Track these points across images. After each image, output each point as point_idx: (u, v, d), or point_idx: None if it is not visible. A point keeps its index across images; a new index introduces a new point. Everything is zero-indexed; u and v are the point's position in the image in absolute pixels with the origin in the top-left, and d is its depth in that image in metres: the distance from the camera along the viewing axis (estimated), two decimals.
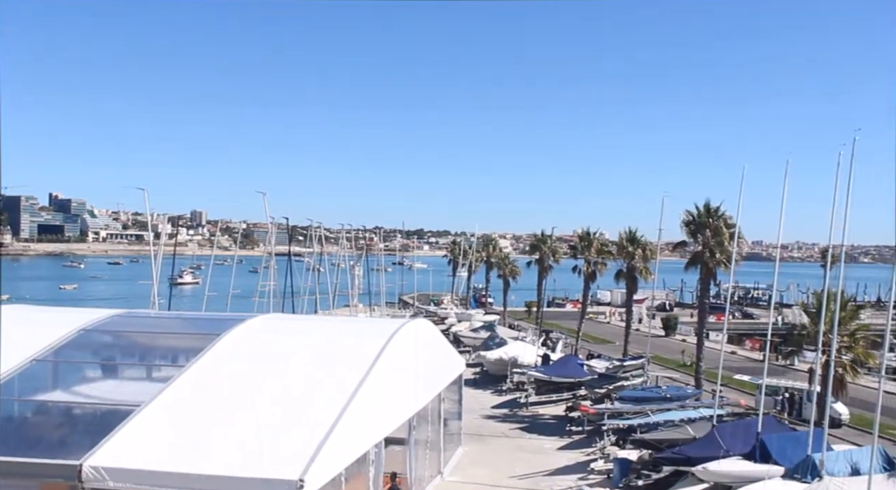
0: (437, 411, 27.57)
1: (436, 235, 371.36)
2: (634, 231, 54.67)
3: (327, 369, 19.81)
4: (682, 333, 77.57)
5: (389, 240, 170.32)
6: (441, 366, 28.68)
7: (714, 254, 43.79)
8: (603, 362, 47.97)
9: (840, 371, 33.07)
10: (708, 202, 44.81)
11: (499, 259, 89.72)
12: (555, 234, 72.12)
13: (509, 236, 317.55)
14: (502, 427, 37.55)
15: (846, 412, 40.41)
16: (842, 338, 33.44)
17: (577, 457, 31.88)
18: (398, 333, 22.51)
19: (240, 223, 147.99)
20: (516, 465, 30.12)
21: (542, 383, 42.98)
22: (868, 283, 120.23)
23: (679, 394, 38.72)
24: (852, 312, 36.20)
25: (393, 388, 21.51)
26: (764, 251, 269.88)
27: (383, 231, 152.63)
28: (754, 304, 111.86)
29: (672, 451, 28.19)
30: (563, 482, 28.42)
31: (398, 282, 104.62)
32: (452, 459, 29.90)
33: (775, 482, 23.67)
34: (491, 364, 49.93)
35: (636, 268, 53.77)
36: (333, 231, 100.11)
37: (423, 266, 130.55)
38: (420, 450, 25.06)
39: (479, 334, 61.84)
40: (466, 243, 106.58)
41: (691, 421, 32.27)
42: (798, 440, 26.39)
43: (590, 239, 60.51)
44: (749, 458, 26.06)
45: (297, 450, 15.36)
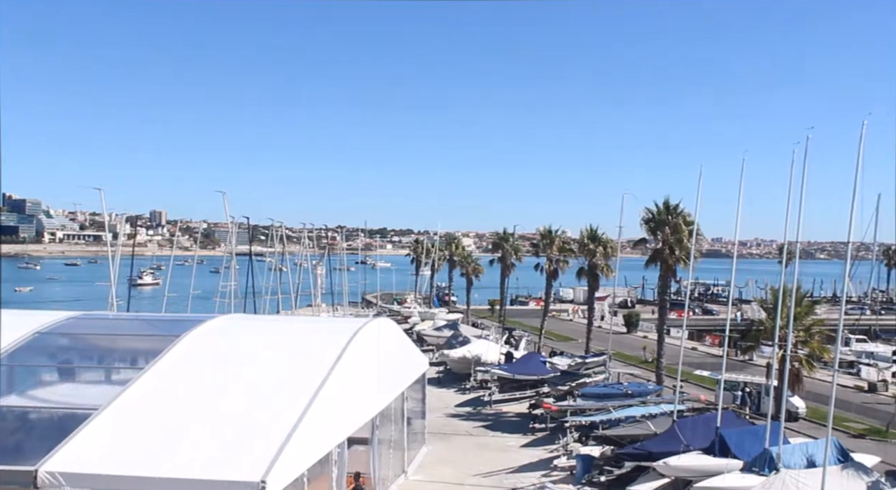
0: (401, 410, 27.55)
1: (399, 234, 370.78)
2: (595, 229, 55.20)
3: (289, 369, 19.69)
4: (644, 330, 78.39)
5: (352, 239, 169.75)
6: (404, 365, 28.67)
7: (674, 251, 44.30)
8: (565, 360, 48.28)
9: (796, 365, 33.68)
10: (667, 200, 45.41)
11: (462, 257, 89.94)
12: (517, 233, 72.42)
13: (472, 235, 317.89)
14: (466, 425, 37.64)
15: (803, 406, 41.14)
16: (798, 333, 34.08)
17: (540, 454, 32.07)
18: (360, 333, 22.44)
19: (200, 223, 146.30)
20: (480, 464, 30.22)
21: (506, 381, 43.16)
22: (824, 279, 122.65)
23: (640, 390, 39.11)
24: (808, 308, 36.86)
25: (355, 387, 21.45)
26: (724, 248, 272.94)
27: (346, 230, 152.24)
28: (714, 301, 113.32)
29: (633, 447, 28.54)
30: (526, 479, 28.57)
31: (361, 281, 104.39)
32: (416, 458, 29.90)
33: (734, 476, 24.08)
34: (454, 362, 50.01)
35: (597, 265, 54.23)
36: (296, 230, 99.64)
37: (387, 265, 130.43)
38: (384, 449, 25.02)
39: (442, 333, 61.87)
40: (429, 242, 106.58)
41: (652, 416, 32.70)
42: (756, 434, 26.84)
43: (551, 237, 60.83)
44: (709, 453, 26.46)
45: (258, 451, 15.25)
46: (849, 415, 41.24)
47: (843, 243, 24.04)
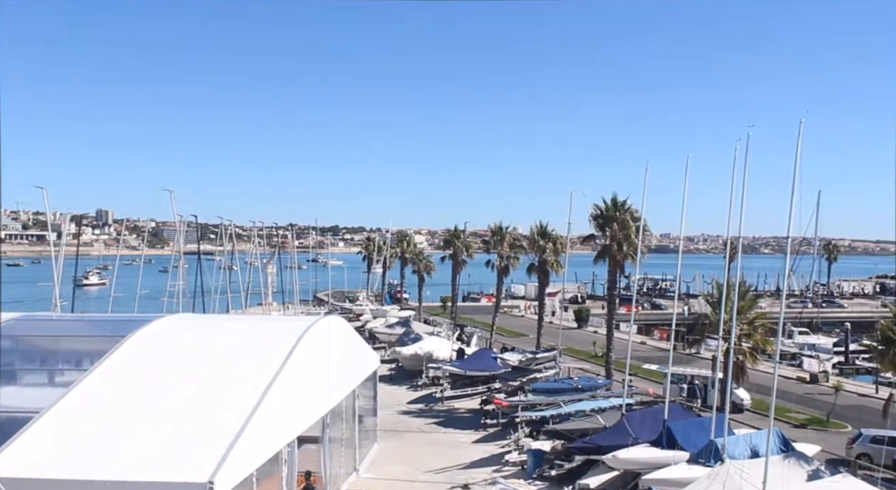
0: (352, 408, 27.51)
1: (351, 232, 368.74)
2: (545, 225, 55.52)
3: (237, 369, 19.54)
4: (594, 325, 79.14)
5: (304, 237, 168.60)
6: (355, 362, 28.62)
7: (621, 247, 44.80)
8: (516, 355, 48.56)
9: (740, 358, 34.39)
10: (615, 196, 45.87)
11: (413, 255, 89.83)
12: (468, 230, 72.60)
13: (424, 232, 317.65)
14: (418, 422, 37.67)
15: (748, 397, 41.98)
16: (741, 326, 34.81)
17: (491, 449, 32.27)
18: (310, 331, 22.35)
19: (148, 222, 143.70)
20: (432, 460, 30.29)
21: (457, 377, 43.31)
22: (768, 273, 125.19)
23: (590, 384, 39.59)
24: (751, 302, 37.70)
25: (305, 386, 21.36)
26: (672, 243, 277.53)
27: (297, 228, 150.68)
28: (662, 296, 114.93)
29: (583, 441, 28.87)
30: (478, 475, 28.70)
31: (313, 279, 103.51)
32: (368, 456, 29.87)
33: (680, 467, 24.46)
34: (406, 359, 50.01)
35: (547, 261, 54.62)
36: (246, 229, 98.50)
37: (339, 263, 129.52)
38: (335, 447, 24.95)
39: (394, 330, 61.78)
40: (381, 239, 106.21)
41: (602, 410, 33.10)
42: (702, 426, 27.36)
43: (502, 233, 61.11)
44: (656, 445, 26.92)
45: (206, 451, 15.11)
46: (791, 405, 42.24)
47: (786, 238, 24.56)
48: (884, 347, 29.91)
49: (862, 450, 31.47)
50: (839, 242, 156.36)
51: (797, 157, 21.90)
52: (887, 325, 30.30)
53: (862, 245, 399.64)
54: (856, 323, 73.15)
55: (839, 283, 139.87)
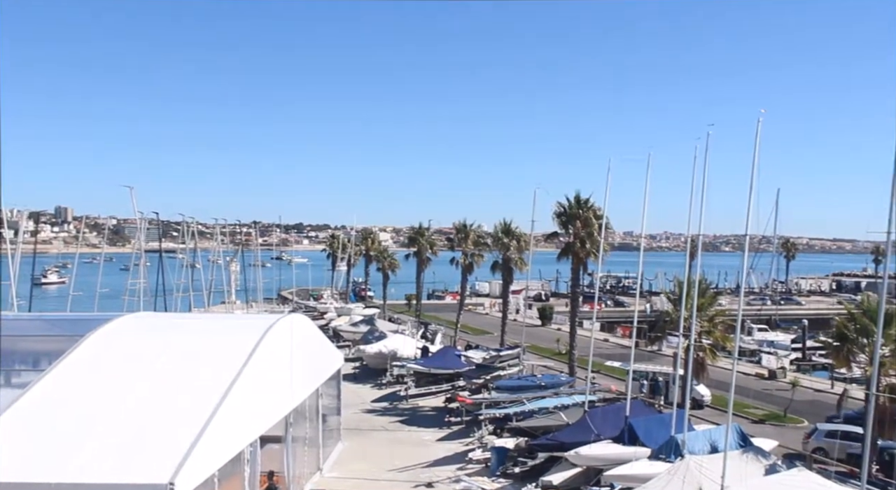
0: (315, 407, 27.41)
1: (315, 229, 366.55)
2: (509, 223, 55.71)
3: (199, 368, 19.36)
4: (558, 323, 79.60)
5: (267, 234, 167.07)
6: (318, 361, 28.50)
7: (584, 244, 45.09)
8: (480, 353, 48.76)
9: (700, 355, 34.81)
10: (578, 194, 46.17)
11: (378, 252, 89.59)
12: (433, 227, 72.58)
13: (389, 229, 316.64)
14: (382, 420, 37.64)
15: (708, 394, 42.57)
16: (701, 323, 35.23)
17: (456, 447, 32.36)
18: (272, 329, 22.22)
19: (108, 219, 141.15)
20: (396, 458, 30.30)
21: (422, 375, 43.32)
22: (728, 271, 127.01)
23: (553, 381, 39.83)
24: (711, 299, 38.09)
25: (268, 384, 21.24)
26: (634, 241, 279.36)
27: (261, 226, 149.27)
28: (625, 293, 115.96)
29: (546, 438, 29.07)
30: (442, 473, 28.77)
31: (277, 277, 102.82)
32: (332, 455, 29.79)
33: (642, 463, 24.80)
34: (370, 358, 49.91)
35: (511, 259, 54.84)
36: (209, 226, 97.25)
37: (303, 261, 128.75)
38: (298, 447, 24.83)
39: (358, 328, 61.61)
40: (346, 237, 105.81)
41: (565, 407, 33.38)
42: (663, 422, 27.72)
43: (466, 231, 61.24)
44: (618, 441, 27.23)
45: (167, 452, 14.96)
46: (750, 401, 42.90)
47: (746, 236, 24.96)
48: (838, 344, 30.42)
49: (817, 444, 32.13)
50: (797, 241, 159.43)
51: (755, 157, 22.27)
52: (842, 322, 30.82)
53: (819, 243, 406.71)
54: (813, 320, 74.48)
55: (797, 280, 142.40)
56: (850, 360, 30.61)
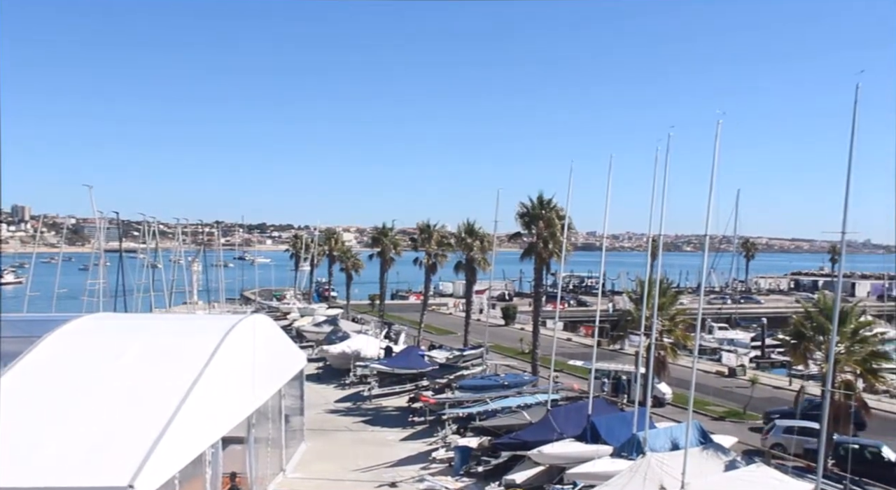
0: (278, 408, 27.25)
1: (278, 230, 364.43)
2: (473, 223, 55.73)
3: (160, 369, 19.15)
4: (521, 322, 79.99)
5: (230, 234, 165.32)
6: (281, 361, 28.35)
7: (547, 244, 45.30)
8: (444, 353, 48.80)
9: (662, 353, 35.19)
10: (541, 194, 46.37)
11: (341, 252, 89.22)
12: (396, 227, 72.37)
13: (353, 229, 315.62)
14: (346, 421, 37.52)
15: (669, 392, 43.03)
16: (663, 322, 35.61)
17: (419, 447, 32.38)
18: (234, 330, 22.06)
19: (67, 218, 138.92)
20: (360, 459, 30.24)
21: (385, 375, 43.26)
22: (690, 271, 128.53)
23: (516, 381, 40.00)
24: (672, 298, 38.48)
25: (230, 385, 21.08)
26: (597, 241, 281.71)
27: (223, 225, 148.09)
28: (588, 293, 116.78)
29: (509, 437, 29.20)
30: (406, 472, 28.78)
31: (239, 277, 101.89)
32: (295, 456, 29.64)
33: (604, 461, 25.00)
34: (334, 358, 49.73)
35: (475, 259, 54.90)
36: (170, 226, 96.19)
37: (266, 261, 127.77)
38: (261, 448, 24.68)
39: (321, 329, 61.32)
40: (309, 237, 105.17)
41: (528, 406, 33.54)
42: (624, 420, 27.96)
43: (430, 231, 61.17)
44: (581, 440, 27.40)
45: (126, 454, 14.79)
46: (710, 399, 43.45)
47: (707, 236, 25.30)
48: (796, 342, 30.91)
49: (775, 440, 32.66)
50: (757, 241, 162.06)
51: (715, 159, 22.57)
52: (799, 320, 31.34)
53: (778, 243, 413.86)
54: (772, 318, 75.64)
55: (756, 279, 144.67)
56: (806, 357, 31.12)
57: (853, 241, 31.95)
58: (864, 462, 29.00)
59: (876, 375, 29.30)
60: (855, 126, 18.78)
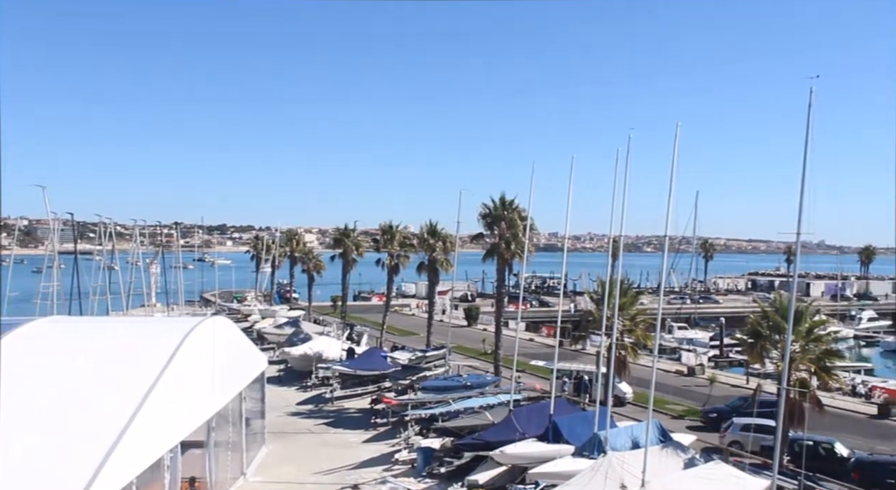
0: (239, 411, 27.00)
1: (239, 231, 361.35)
2: (435, 224, 55.73)
3: (116, 373, 18.85)
4: (484, 323, 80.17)
5: (189, 236, 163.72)
6: (242, 364, 28.08)
7: (510, 245, 45.48)
8: (406, 354, 48.69)
9: (623, 353, 35.54)
10: (503, 195, 46.56)
11: (303, 253, 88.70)
12: (359, 228, 72.12)
13: (315, 231, 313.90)
14: (307, 423, 37.29)
15: (630, 391, 43.44)
16: (624, 322, 35.98)
17: (382, 449, 32.28)
18: (194, 332, 21.80)
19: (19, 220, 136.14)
20: (322, 461, 30.05)
21: (347, 377, 43.06)
22: (650, 271, 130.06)
23: (479, 381, 40.09)
24: (633, 298, 38.94)
25: (189, 389, 20.83)
26: (559, 242, 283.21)
27: (183, 227, 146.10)
28: (550, 293, 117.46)
29: (472, 437, 29.26)
30: (368, 474, 28.65)
31: (199, 279, 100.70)
32: (256, 459, 29.38)
33: (565, 460, 25.15)
34: (295, 360, 49.40)
35: (437, 260, 54.90)
36: (128, 227, 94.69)
37: (226, 262, 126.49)
38: (221, 451, 24.43)
39: (283, 330, 60.90)
40: (270, 238, 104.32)
41: (490, 407, 33.63)
42: (586, 419, 28.17)
43: (392, 232, 61.06)
44: (543, 439, 27.55)
45: (81, 461, 14.54)
46: (670, 398, 43.99)
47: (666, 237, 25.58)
48: (753, 341, 31.42)
49: (733, 438, 33.17)
50: (715, 241, 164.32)
51: (674, 160, 22.86)
52: (756, 319, 31.86)
53: (736, 244, 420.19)
54: (730, 318, 76.71)
55: (715, 280, 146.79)
56: (763, 356, 31.65)
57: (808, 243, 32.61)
58: (818, 458, 29.61)
59: (829, 373, 29.92)
60: (809, 130, 19.16)
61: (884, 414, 42.55)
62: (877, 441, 36.35)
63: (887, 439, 37.08)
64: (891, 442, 36.45)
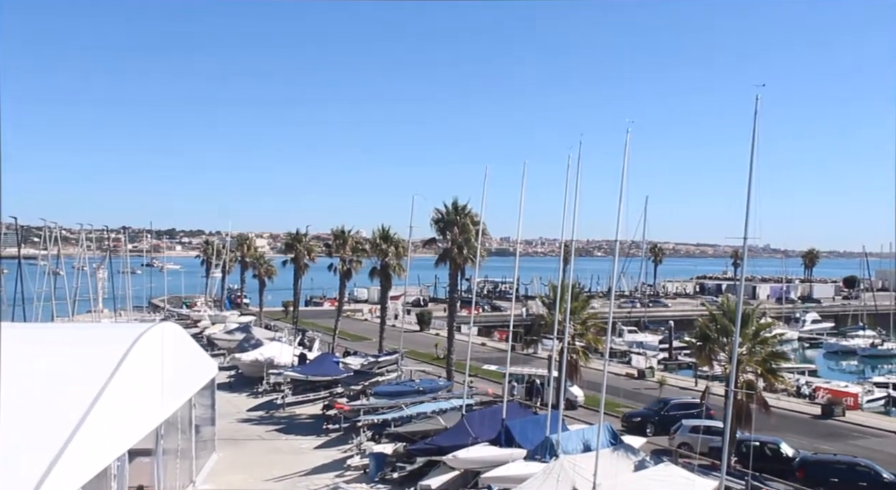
0: (188, 418, 26.60)
1: (189, 235, 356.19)
2: (388, 229, 55.59)
3: (62, 381, 18.39)
4: (437, 328, 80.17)
5: (137, 240, 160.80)
6: (191, 370, 27.67)
7: (462, 250, 45.59)
8: (358, 359, 48.55)
9: (574, 357, 35.85)
10: (456, 200, 46.66)
11: (254, 258, 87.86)
12: (311, 233, 71.71)
13: (266, 235, 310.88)
14: (258, 430, 36.90)
15: (581, 394, 43.81)
16: (575, 326, 36.31)
17: (334, 455, 32.09)
18: (142, 339, 21.40)
19: None
20: (273, 468, 29.77)
21: (299, 383, 42.76)
22: (601, 275, 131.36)
23: (431, 386, 40.13)
24: (584, 302, 39.29)
25: (137, 396, 20.45)
26: (511, 247, 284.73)
27: (130, 231, 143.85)
28: (502, 298, 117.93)
29: (424, 442, 29.26)
30: (320, 481, 28.49)
31: (148, 284, 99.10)
32: (206, 467, 28.97)
33: (518, 464, 25.32)
34: (246, 366, 48.87)
35: (390, 265, 54.75)
36: (74, 231, 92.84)
37: (175, 267, 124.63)
38: (169, 459, 24.02)
39: (233, 336, 60.28)
40: (221, 243, 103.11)
41: (443, 411, 33.66)
42: (538, 423, 28.38)
43: (345, 237, 60.76)
44: (495, 444, 27.69)
45: (25, 471, 14.17)
46: (621, 400, 44.49)
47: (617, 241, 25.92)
48: (701, 344, 31.94)
49: (682, 439, 33.67)
50: (664, 245, 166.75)
51: (625, 165, 23.20)
52: (704, 322, 32.40)
53: (684, 248, 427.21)
54: (678, 321, 77.96)
55: (664, 283, 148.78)
56: (711, 358, 32.19)
57: (754, 247, 33.21)
58: (765, 458, 30.25)
59: (775, 375, 30.54)
60: (756, 137, 19.61)
61: (827, 414, 43.60)
62: (820, 441, 37.23)
63: (830, 439, 38.00)
64: (834, 441, 37.36)
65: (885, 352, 74.54)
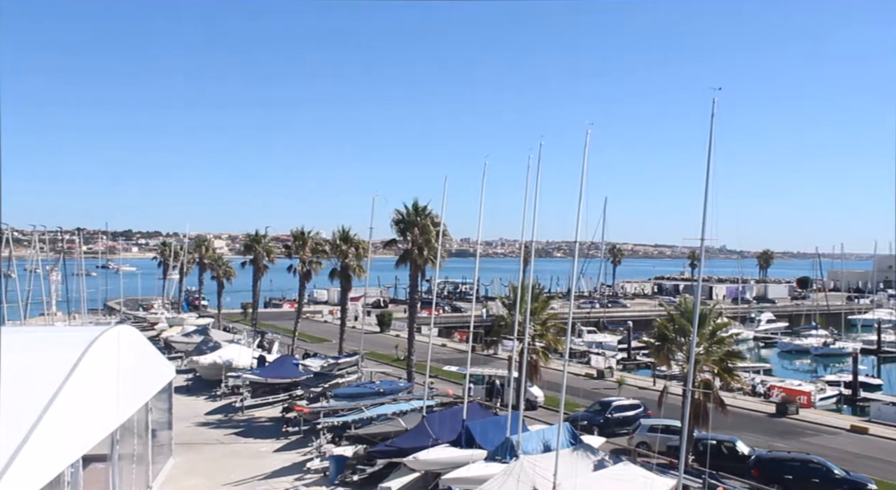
0: (145, 422, 26.20)
1: (145, 237, 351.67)
2: (348, 230, 55.32)
3: (13, 386, 17.94)
4: (397, 329, 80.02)
5: (93, 242, 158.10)
6: (148, 374, 27.27)
7: (422, 251, 45.56)
8: (318, 361, 48.23)
9: (534, 357, 35.99)
10: (416, 202, 46.63)
11: (212, 260, 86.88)
12: (270, 234, 71.08)
13: (225, 236, 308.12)
14: (217, 433, 36.48)
15: (541, 394, 44.01)
16: (535, 327, 36.44)
17: (293, 458, 31.86)
18: (97, 342, 21.02)
19: None
20: (232, 472, 29.47)
21: (258, 386, 42.36)
22: (560, 276, 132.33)
23: (392, 388, 40.01)
24: (544, 303, 39.43)
25: (91, 400, 20.07)
26: (471, 248, 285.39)
27: (85, 232, 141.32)
28: (463, 299, 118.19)
29: (385, 444, 29.17)
30: (279, 484, 28.28)
31: (103, 286, 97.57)
32: (162, 472, 28.56)
33: (478, 465, 25.36)
34: (204, 369, 48.33)
35: (350, 266, 54.51)
36: (26, 233, 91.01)
37: (132, 269, 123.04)
38: (125, 465, 23.61)
39: (191, 339, 59.57)
40: (178, 244, 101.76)
41: (403, 413, 33.59)
42: (498, 424, 28.47)
43: (304, 238, 60.36)
44: (456, 445, 27.70)
45: None
46: (580, 401, 44.74)
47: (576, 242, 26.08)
48: (659, 344, 32.24)
49: (641, 438, 34.02)
50: (623, 247, 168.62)
51: (584, 167, 23.36)
52: (662, 323, 32.72)
53: (642, 249, 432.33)
54: (637, 321, 78.81)
55: (623, 284, 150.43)
56: (669, 358, 32.52)
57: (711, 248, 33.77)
58: (721, 456, 30.66)
59: (731, 374, 30.97)
60: (712, 139, 19.88)
61: (781, 412, 44.36)
62: (775, 438, 37.84)
63: (785, 437, 38.65)
64: (788, 439, 38.01)
65: (837, 351, 76.08)
